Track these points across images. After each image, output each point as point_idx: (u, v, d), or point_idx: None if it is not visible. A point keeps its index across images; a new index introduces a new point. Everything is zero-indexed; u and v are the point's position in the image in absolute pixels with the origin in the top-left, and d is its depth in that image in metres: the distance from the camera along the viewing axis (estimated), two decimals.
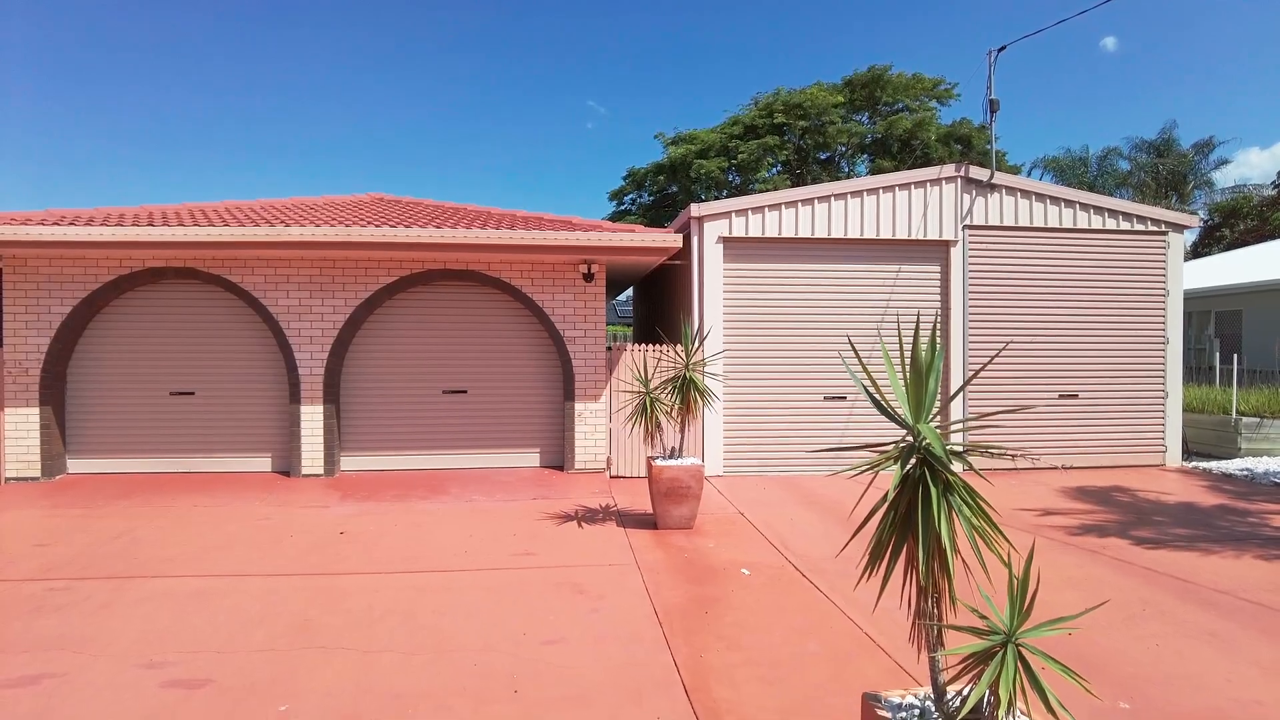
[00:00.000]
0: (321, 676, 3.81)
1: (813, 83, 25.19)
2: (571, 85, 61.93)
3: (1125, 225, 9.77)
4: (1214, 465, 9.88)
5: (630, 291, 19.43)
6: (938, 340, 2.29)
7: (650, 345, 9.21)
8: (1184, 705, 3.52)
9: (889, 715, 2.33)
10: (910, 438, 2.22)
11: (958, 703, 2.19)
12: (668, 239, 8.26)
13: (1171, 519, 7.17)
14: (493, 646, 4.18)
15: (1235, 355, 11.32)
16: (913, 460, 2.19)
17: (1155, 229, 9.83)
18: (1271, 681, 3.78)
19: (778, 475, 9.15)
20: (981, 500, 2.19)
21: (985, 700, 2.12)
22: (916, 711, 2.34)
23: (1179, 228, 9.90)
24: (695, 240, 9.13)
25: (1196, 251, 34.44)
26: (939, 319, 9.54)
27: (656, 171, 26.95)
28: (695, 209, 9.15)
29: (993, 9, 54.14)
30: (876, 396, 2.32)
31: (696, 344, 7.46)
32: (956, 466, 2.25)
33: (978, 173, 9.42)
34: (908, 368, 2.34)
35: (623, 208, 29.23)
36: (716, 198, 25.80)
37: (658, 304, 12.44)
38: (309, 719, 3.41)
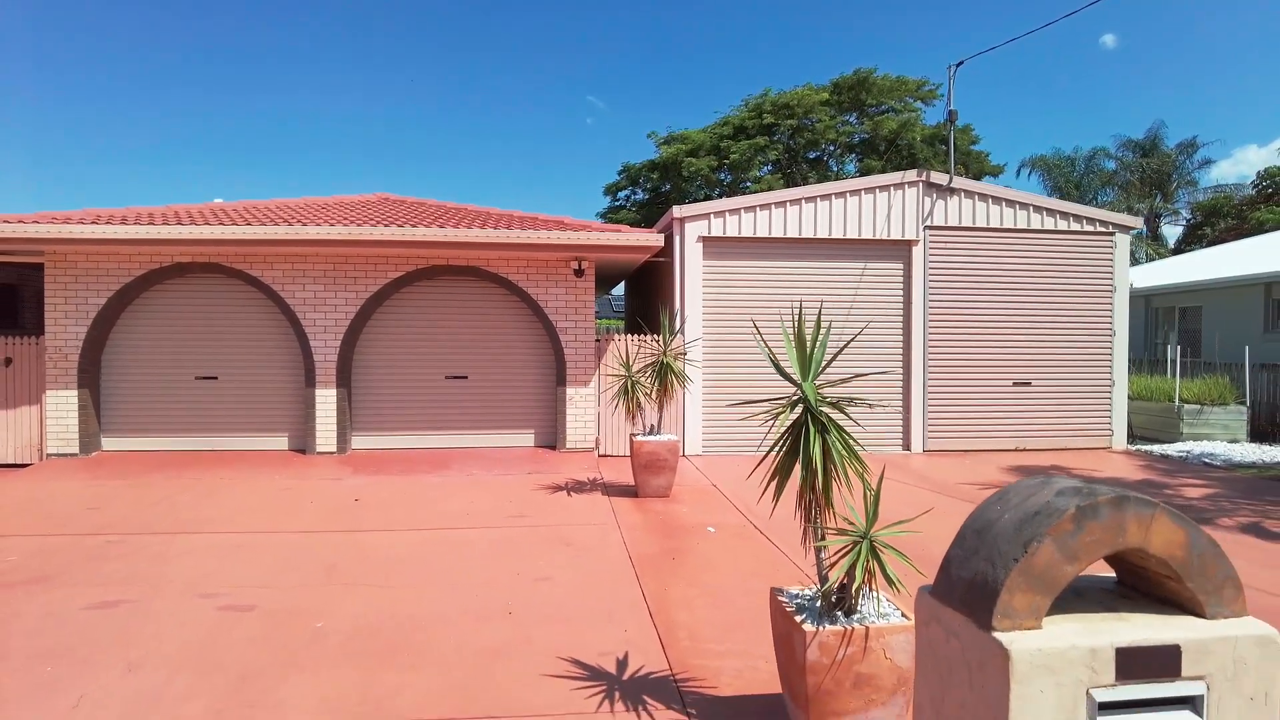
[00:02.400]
0: (349, 604, 4.62)
1: (802, 84, 25.97)
2: (571, 80, 62.54)
3: (1075, 226, 10.59)
4: (1156, 448, 10.72)
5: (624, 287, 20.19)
6: (822, 323, 3.09)
7: (634, 335, 10.01)
8: None
9: (787, 600, 3.15)
10: (799, 391, 3.02)
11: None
12: (650, 238, 9.05)
13: None
14: (491, 583, 4.99)
15: (1178, 348, 12.16)
16: (799, 408, 3.00)
17: (1103, 230, 10.64)
18: None
19: (753, 454, 9.93)
20: (849, 437, 3.00)
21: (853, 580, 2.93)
22: (807, 597, 3.16)
23: (1125, 229, 10.72)
24: (677, 239, 9.93)
25: (1179, 249, 35.21)
26: (902, 311, 10.36)
27: (650, 169, 27.73)
28: (677, 210, 9.95)
29: (979, 10, 54.83)
30: (778, 362, 3.12)
31: (676, 333, 8.28)
32: (835, 414, 3.06)
33: (938, 177, 10.23)
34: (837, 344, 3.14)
35: (617, 203, 29.98)
36: (708, 196, 26.59)
37: (646, 298, 13.24)
38: (341, 633, 4.20)
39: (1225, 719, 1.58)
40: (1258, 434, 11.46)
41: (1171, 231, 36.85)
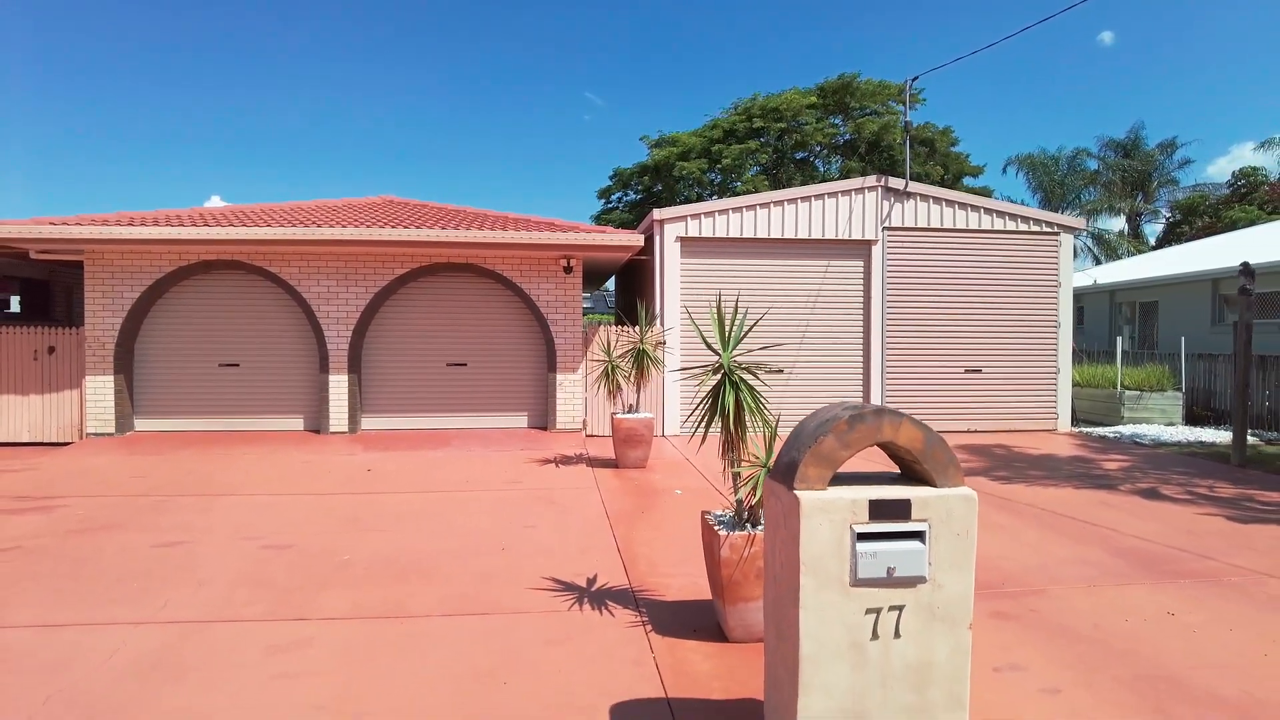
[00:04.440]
0: (369, 545, 5.58)
1: (789, 88, 26.91)
2: (569, 77, 63.50)
3: (1023, 227, 11.56)
4: (1096, 430, 11.71)
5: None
6: (737, 307, 4.05)
7: (617, 326, 10.98)
8: None
9: (712, 519, 4.11)
10: (720, 360, 3.99)
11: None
12: (631, 238, 10.01)
13: (1030, 464, 8.99)
14: (487, 530, 5.96)
15: (1121, 338, 13.15)
16: (720, 373, 3.96)
17: (1049, 230, 11.62)
18: (1029, 551, 5.60)
19: None
20: (759, 396, 3.96)
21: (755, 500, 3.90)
22: (727, 516, 4.13)
23: (1070, 229, 11.70)
24: (657, 239, 10.89)
25: (1158, 247, 36.15)
26: (862, 305, 11.34)
27: (641, 172, 28.69)
28: (657, 213, 10.91)
29: (968, 13, 55.79)
30: (705, 338, 4.09)
31: (656, 324, 9.23)
32: (749, 379, 4.02)
33: (895, 182, 11.20)
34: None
35: (611, 205, 30.94)
36: (699, 196, 27.54)
37: (632, 293, 14.20)
38: (363, 564, 5.16)
39: (940, 545, 2.54)
40: (1192, 418, 12.45)
41: (1153, 230, 37.81)
